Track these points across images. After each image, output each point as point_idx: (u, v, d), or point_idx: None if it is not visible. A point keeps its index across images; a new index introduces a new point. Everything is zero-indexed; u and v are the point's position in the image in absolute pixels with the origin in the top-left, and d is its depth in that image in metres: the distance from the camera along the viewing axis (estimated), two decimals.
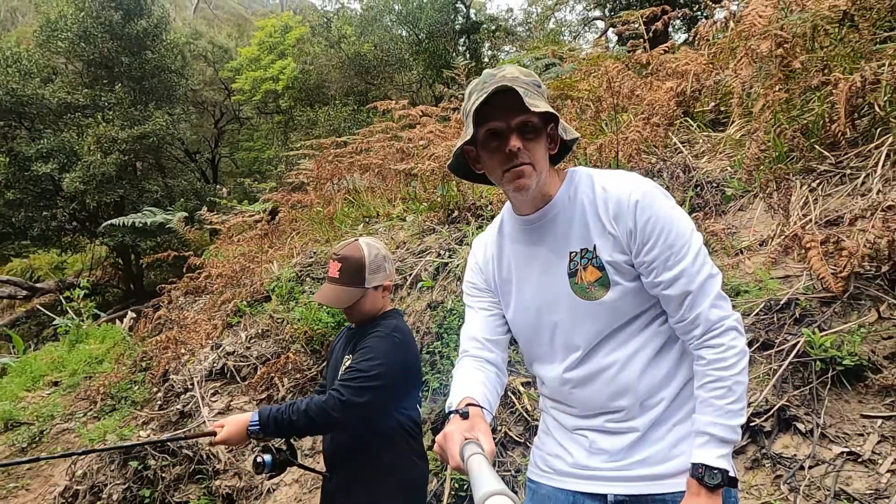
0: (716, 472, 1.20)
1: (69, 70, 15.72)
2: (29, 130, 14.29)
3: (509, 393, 2.89)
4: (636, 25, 5.68)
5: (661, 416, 1.34)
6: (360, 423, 1.85)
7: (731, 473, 1.22)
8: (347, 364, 1.92)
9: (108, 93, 14.51)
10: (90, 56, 14.51)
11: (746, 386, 1.28)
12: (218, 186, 17.52)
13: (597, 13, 15.23)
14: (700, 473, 1.21)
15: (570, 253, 1.35)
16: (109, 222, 9.29)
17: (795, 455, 2.22)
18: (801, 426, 2.27)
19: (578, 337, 1.36)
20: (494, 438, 2.74)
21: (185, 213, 8.87)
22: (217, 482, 3.32)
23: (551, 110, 1.25)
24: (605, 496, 1.35)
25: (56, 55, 15.25)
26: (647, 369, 1.34)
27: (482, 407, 1.29)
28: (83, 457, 3.78)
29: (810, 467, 2.16)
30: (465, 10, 16.63)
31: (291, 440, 1.94)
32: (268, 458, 1.85)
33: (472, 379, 1.39)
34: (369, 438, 1.89)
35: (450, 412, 1.27)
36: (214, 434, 1.82)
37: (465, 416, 1.21)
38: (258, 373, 3.82)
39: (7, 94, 13.18)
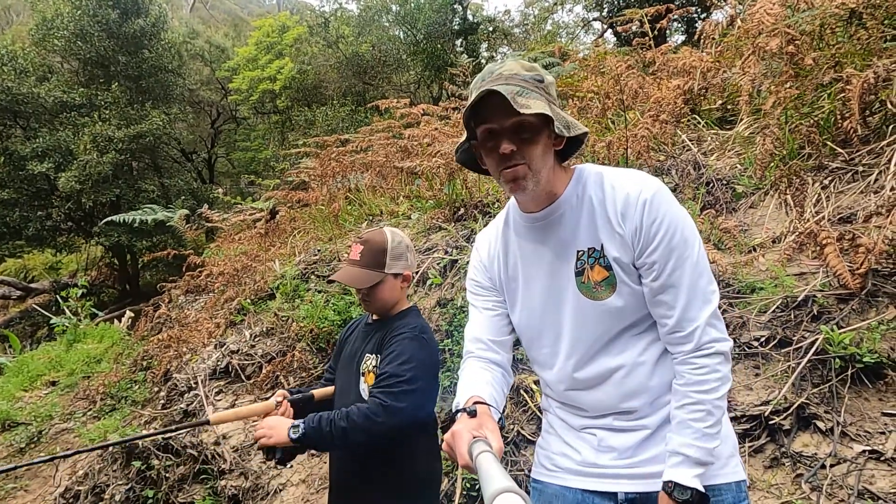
0: (687, 490, 1.21)
1: (65, 69, 15.62)
2: (24, 129, 14.16)
3: (521, 391, 2.85)
4: (638, 24, 5.67)
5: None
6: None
7: (703, 491, 1.23)
8: (371, 363, 1.88)
9: (105, 92, 14.42)
10: (87, 55, 14.42)
11: (725, 411, 1.28)
12: (214, 186, 17.44)
13: (595, 14, 15.22)
14: (670, 489, 1.23)
15: (578, 252, 1.33)
16: (109, 219, 9.16)
17: (816, 454, 2.19)
18: (820, 424, 2.24)
19: (584, 338, 1.34)
20: (506, 437, 2.71)
21: (187, 211, 8.76)
22: (222, 482, 3.26)
23: (545, 111, 1.21)
24: (615, 494, 1.33)
25: (52, 54, 15.14)
26: (656, 369, 1.32)
27: (490, 405, 1.28)
28: (85, 455, 3.72)
29: (832, 466, 2.13)
30: (462, 11, 16.59)
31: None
32: None
33: (479, 379, 1.38)
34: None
35: (457, 411, 1.26)
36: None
37: (472, 414, 1.21)
38: (263, 371, 3.77)
39: (2, 92, 13.07)
